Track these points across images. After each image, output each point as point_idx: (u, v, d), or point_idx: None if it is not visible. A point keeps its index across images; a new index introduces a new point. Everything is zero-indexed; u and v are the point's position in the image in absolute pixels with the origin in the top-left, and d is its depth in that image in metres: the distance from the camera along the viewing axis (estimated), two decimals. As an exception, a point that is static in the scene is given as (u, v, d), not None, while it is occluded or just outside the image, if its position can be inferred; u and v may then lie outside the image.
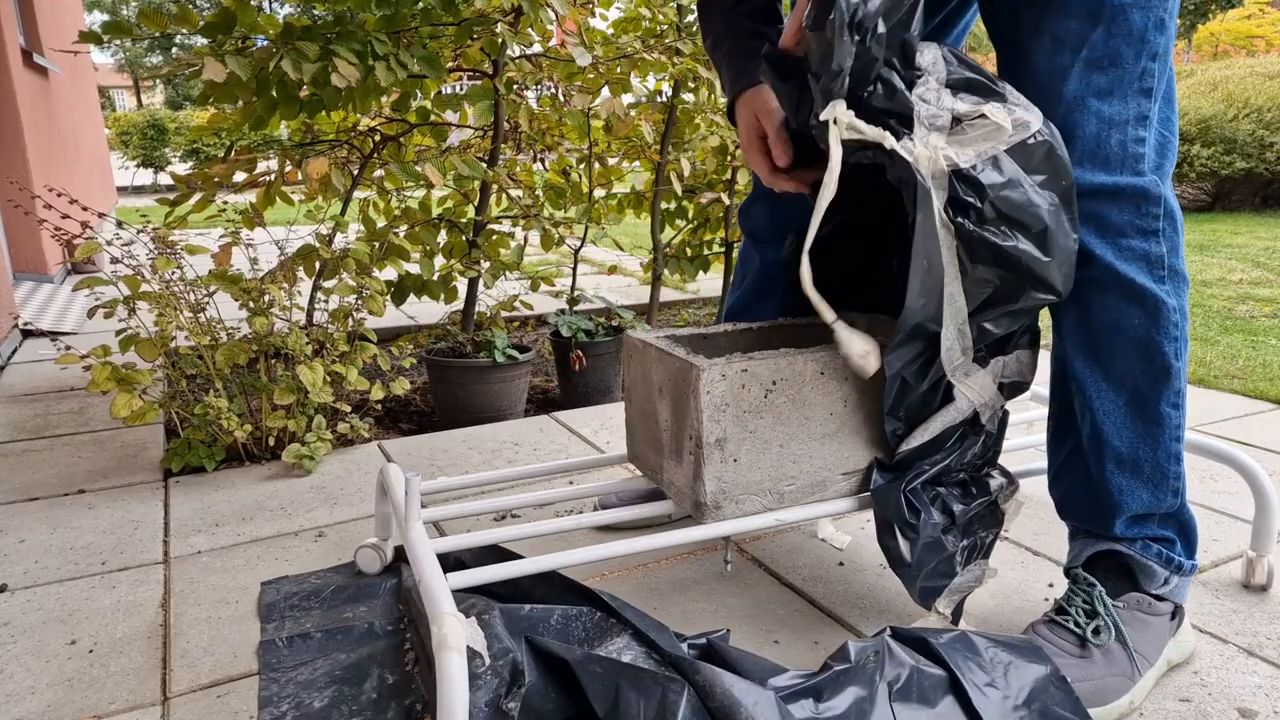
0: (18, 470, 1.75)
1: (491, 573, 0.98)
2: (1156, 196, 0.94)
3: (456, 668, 0.79)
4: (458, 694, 0.77)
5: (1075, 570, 1.06)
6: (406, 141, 2.21)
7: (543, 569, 1.01)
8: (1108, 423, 0.99)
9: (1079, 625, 1.00)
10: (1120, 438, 0.99)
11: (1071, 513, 1.07)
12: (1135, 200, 0.94)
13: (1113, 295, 0.96)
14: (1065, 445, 1.05)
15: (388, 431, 2.04)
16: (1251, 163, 6.53)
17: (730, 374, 0.99)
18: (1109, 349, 0.98)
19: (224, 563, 1.34)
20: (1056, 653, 0.98)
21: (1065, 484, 1.07)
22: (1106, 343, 0.97)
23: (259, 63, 1.70)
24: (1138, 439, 0.99)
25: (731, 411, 1.00)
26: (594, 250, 5.24)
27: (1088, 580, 1.03)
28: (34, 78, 4.38)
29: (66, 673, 1.06)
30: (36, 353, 2.78)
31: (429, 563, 0.95)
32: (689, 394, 1.00)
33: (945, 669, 0.94)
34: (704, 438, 0.99)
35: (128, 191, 11.41)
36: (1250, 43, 10.29)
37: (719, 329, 1.21)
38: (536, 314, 2.97)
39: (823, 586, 1.25)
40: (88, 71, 6.79)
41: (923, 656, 0.95)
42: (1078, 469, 1.04)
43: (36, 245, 4.06)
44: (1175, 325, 0.97)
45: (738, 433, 1.01)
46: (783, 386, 1.02)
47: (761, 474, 1.03)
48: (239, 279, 1.77)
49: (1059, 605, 1.04)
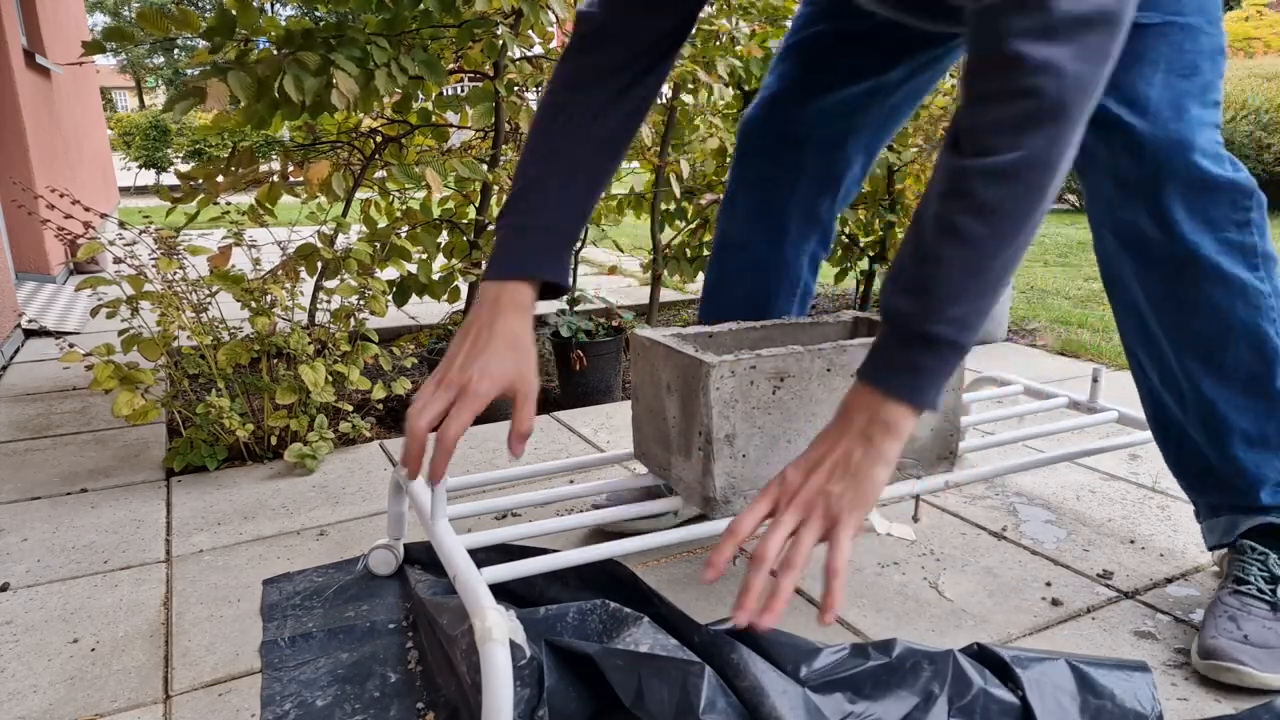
0: (20, 469, 1.75)
1: (523, 567, 0.98)
2: (1249, 190, 1.00)
3: (501, 660, 0.79)
4: (503, 686, 0.78)
5: (1238, 543, 1.10)
6: (408, 142, 2.22)
7: (564, 565, 1.01)
8: (1230, 410, 1.05)
9: (1263, 591, 1.05)
10: (1245, 419, 1.05)
11: (1209, 494, 1.13)
12: (1232, 195, 1.00)
13: (1216, 290, 1.01)
14: (1173, 436, 1.12)
15: (389, 431, 2.05)
16: (1249, 164, 6.54)
17: (739, 370, 1.00)
18: (1219, 343, 1.03)
19: (226, 561, 1.35)
20: (1251, 619, 1.02)
21: (1189, 474, 1.14)
22: (1216, 338, 1.03)
23: (260, 78, 1.70)
24: (1262, 416, 1.05)
25: (740, 407, 1.01)
26: (594, 251, 5.25)
27: (1256, 549, 1.08)
28: (36, 78, 4.39)
29: (68, 671, 1.07)
30: (39, 352, 2.79)
31: (462, 558, 0.94)
32: (698, 390, 1.00)
33: (1021, 700, 0.87)
34: (713, 433, 1.00)
35: (130, 192, 11.41)
36: (1248, 44, 10.30)
37: (724, 328, 1.22)
38: (537, 314, 2.98)
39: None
40: (90, 72, 6.80)
41: (997, 679, 0.90)
42: (1196, 456, 1.10)
43: (39, 245, 4.06)
44: (1273, 309, 1.03)
45: (746, 428, 1.01)
46: (790, 383, 1.03)
47: (770, 469, 1.04)
48: (241, 279, 1.78)
49: (1235, 575, 1.08)
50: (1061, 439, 1.77)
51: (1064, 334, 2.89)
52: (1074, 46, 0.76)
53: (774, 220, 1.33)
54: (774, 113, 1.30)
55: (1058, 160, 0.79)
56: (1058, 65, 0.76)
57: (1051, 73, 0.76)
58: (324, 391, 1.74)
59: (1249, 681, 0.98)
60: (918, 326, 0.82)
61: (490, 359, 0.91)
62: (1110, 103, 0.99)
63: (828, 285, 4.04)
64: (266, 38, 1.77)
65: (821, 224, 1.36)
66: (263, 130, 1.88)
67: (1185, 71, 0.98)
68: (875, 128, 1.31)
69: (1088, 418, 1.42)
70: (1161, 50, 0.98)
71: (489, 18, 1.96)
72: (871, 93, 1.26)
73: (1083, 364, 2.54)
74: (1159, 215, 1.01)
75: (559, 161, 0.99)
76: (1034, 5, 0.76)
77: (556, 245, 0.98)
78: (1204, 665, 1.00)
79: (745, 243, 1.35)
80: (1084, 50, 0.77)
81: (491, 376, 0.90)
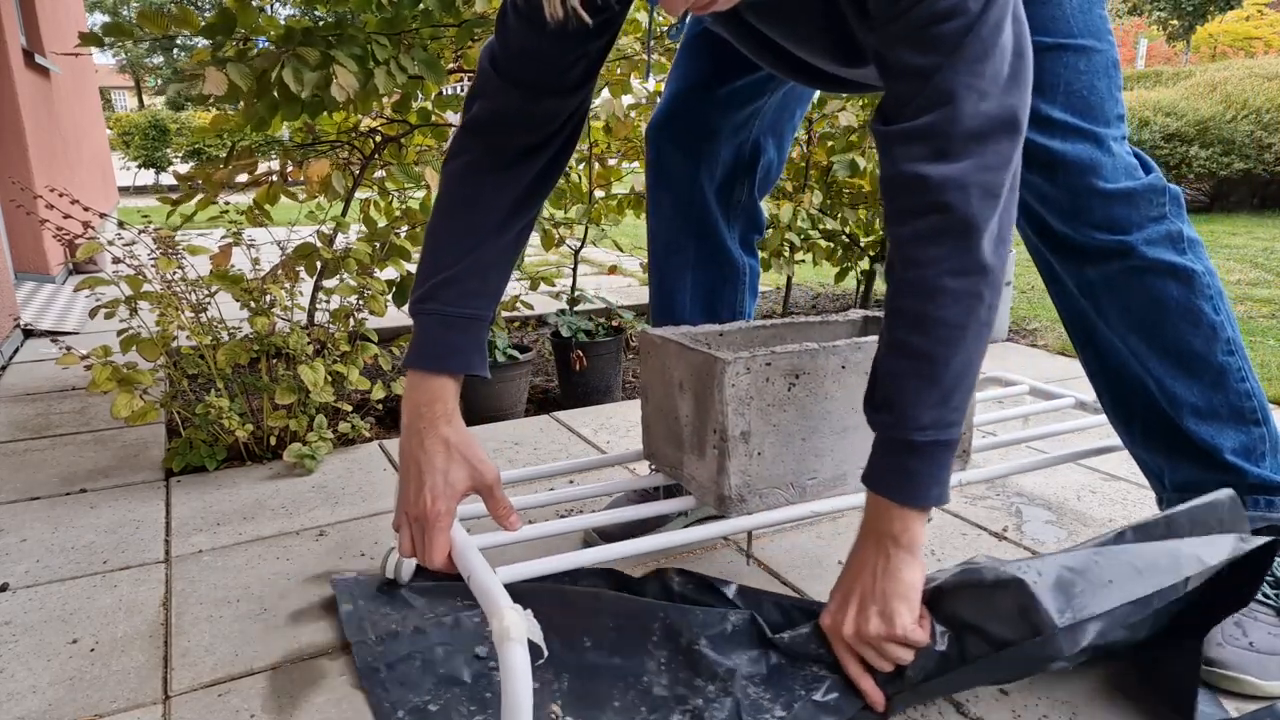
0: (19, 470, 1.75)
1: (535, 567, 0.98)
2: (1162, 188, 1.06)
3: (520, 659, 0.80)
4: (522, 686, 0.79)
5: None
6: (407, 142, 2.21)
7: (576, 565, 1.01)
8: (1177, 384, 1.08)
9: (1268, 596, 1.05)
10: (1192, 393, 1.08)
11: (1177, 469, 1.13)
12: (1148, 195, 1.06)
13: (1148, 276, 1.05)
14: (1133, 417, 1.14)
15: (389, 431, 2.04)
16: (1250, 164, 6.54)
17: (755, 367, 0.99)
18: (1157, 322, 1.07)
19: (225, 562, 1.35)
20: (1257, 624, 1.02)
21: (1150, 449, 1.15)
22: (1154, 317, 1.07)
23: (259, 71, 1.70)
24: (1207, 389, 1.08)
25: (755, 405, 1.00)
26: (594, 251, 5.24)
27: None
28: (35, 78, 4.38)
29: (68, 671, 1.07)
30: (38, 352, 2.78)
31: (476, 558, 0.94)
32: (713, 388, 1.00)
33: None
34: (729, 431, 0.99)
35: (129, 192, 11.41)
36: (1249, 44, 10.30)
37: (734, 326, 1.22)
38: (537, 314, 2.97)
39: (823, 585, 1.25)
40: (89, 72, 6.79)
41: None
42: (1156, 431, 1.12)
43: (38, 245, 4.06)
44: (1208, 285, 1.07)
45: (761, 426, 1.01)
46: (805, 380, 1.03)
47: (784, 468, 1.03)
48: (240, 279, 1.78)
49: None
50: (1065, 439, 1.76)
51: (1064, 334, 2.88)
52: (973, 160, 0.81)
53: (699, 214, 1.36)
54: (680, 109, 1.33)
55: (981, 264, 0.83)
56: (959, 180, 0.81)
57: (954, 188, 0.81)
58: (323, 391, 1.74)
59: (1254, 691, 0.98)
60: (899, 435, 0.87)
61: (436, 479, 0.96)
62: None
63: (828, 285, 4.04)
64: (266, 37, 1.77)
65: (745, 208, 1.39)
66: (263, 130, 1.87)
67: (1084, 90, 1.03)
68: (779, 109, 1.35)
69: (1094, 418, 1.42)
70: (1059, 74, 1.02)
71: (489, 17, 1.96)
72: (769, 78, 1.28)
73: (1083, 364, 2.53)
74: (1081, 225, 1.06)
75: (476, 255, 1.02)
76: (932, 131, 0.81)
77: (480, 337, 1.02)
78: (1209, 674, 1.00)
79: (677, 241, 1.38)
80: (984, 161, 0.82)
81: (444, 496, 0.95)
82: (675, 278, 1.39)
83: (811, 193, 2.91)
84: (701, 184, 1.34)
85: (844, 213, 3.04)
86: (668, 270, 1.39)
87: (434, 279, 1.01)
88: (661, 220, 1.39)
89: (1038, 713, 0.97)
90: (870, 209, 3.04)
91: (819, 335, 1.25)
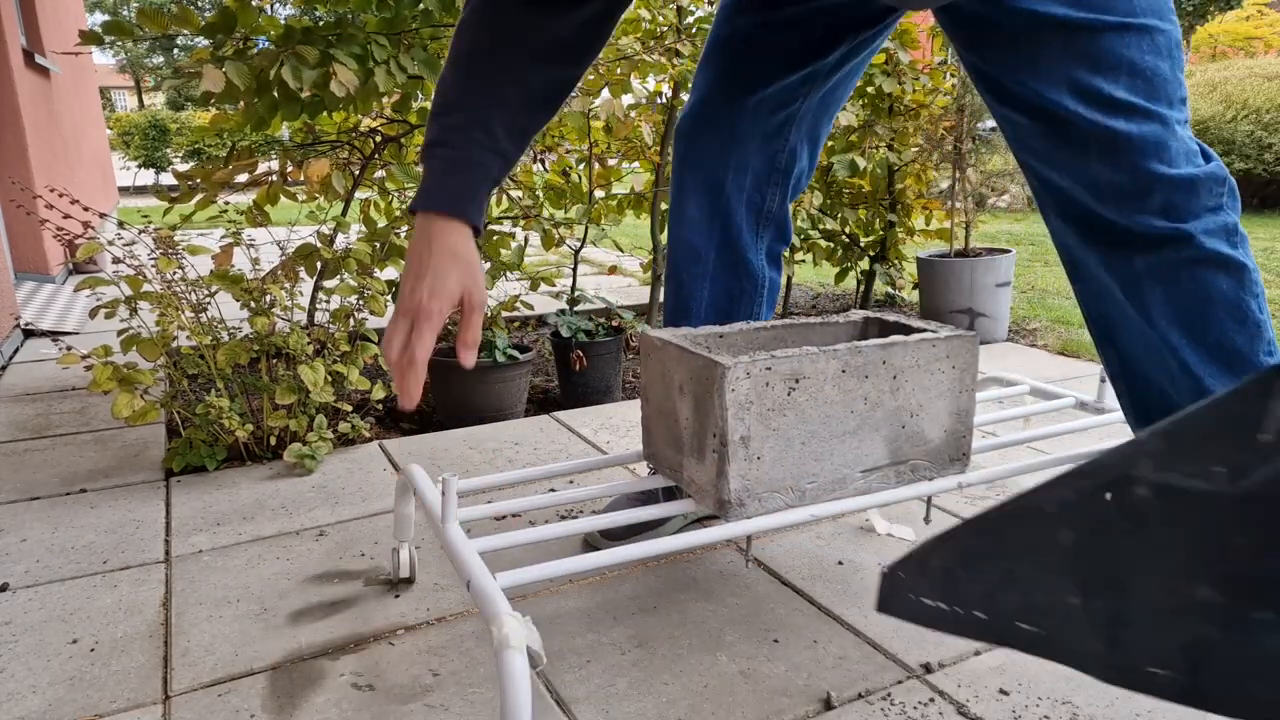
0: (19, 470, 1.75)
1: (537, 572, 0.97)
2: (1223, 178, 1.04)
3: (520, 667, 0.80)
4: (522, 694, 0.79)
5: None
6: (407, 142, 2.21)
7: (576, 570, 1.00)
8: (1216, 383, 1.06)
9: None
10: None
11: None
12: (1209, 184, 1.04)
13: (1200, 268, 1.04)
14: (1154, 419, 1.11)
15: (388, 431, 2.05)
16: (1250, 164, 6.54)
17: (755, 372, 0.99)
18: (1203, 316, 1.05)
19: (225, 562, 1.35)
20: None
21: None
22: (1200, 311, 1.05)
23: (258, 69, 1.70)
24: None
25: (755, 409, 1.00)
26: (594, 251, 5.25)
27: None
28: (35, 78, 4.38)
29: (68, 671, 1.07)
30: (38, 352, 2.78)
31: (476, 563, 0.94)
32: (713, 392, 1.00)
33: None
34: (728, 435, 0.99)
35: (129, 192, 11.41)
36: (1249, 44, 10.31)
37: (734, 328, 1.22)
38: (537, 314, 2.97)
39: (822, 585, 1.25)
40: (89, 72, 6.79)
41: None
42: None
43: (38, 245, 4.06)
44: (1255, 283, 1.06)
45: (761, 430, 1.01)
46: (805, 384, 1.03)
47: (784, 471, 1.03)
48: (240, 279, 1.78)
49: None
50: (1066, 439, 1.76)
51: (1064, 334, 2.89)
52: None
53: (726, 222, 1.32)
54: (710, 113, 1.28)
55: None
56: None
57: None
58: (323, 391, 1.74)
59: None
60: None
61: (435, 279, 0.94)
62: (1080, 108, 1.00)
63: (828, 285, 4.04)
64: (266, 37, 1.77)
65: (775, 218, 1.35)
66: (263, 130, 1.87)
67: (1148, 71, 1.01)
68: (816, 113, 1.30)
69: (1095, 418, 1.42)
70: (1122, 54, 1.00)
71: (489, 17, 1.96)
72: (809, 79, 1.24)
73: (1083, 364, 2.53)
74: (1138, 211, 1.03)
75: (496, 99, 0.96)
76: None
77: (485, 188, 0.98)
78: None
79: (700, 249, 1.33)
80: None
81: (440, 295, 0.94)
82: (692, 287, 1.35)
83: (811, 193, 2.91)
84: (728, 193, 1.30)
85: (844, 213, 3.04)
86: (685, 279, 1.35)
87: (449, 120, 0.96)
88: (685, 227, 1.34)
89: (1038, 713, 0.97)
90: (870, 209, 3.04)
91: (819, 337, 1.25)
